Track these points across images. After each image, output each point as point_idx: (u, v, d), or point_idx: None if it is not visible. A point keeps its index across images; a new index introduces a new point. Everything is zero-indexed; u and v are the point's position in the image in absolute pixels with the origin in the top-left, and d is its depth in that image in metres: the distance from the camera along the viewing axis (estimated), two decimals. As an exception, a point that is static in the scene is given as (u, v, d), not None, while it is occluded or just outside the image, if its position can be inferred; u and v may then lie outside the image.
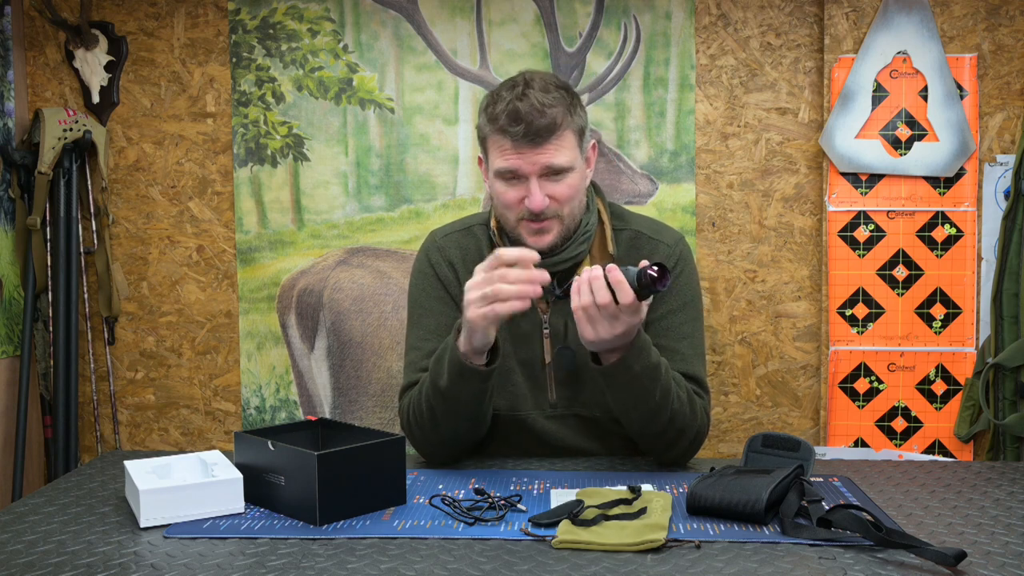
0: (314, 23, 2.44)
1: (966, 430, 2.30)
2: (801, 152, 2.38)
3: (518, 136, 1.54)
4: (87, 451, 2.54)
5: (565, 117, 1.57)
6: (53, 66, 2.49)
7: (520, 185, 1.59)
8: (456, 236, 1.77)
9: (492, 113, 1.59)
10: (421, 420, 1.59)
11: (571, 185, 1.60)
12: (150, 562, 1.11)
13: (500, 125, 1.56)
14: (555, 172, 1.58)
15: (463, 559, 1.11)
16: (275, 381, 2.51)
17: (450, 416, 1.56)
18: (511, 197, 1.60)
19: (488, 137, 1.62)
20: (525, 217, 1.60)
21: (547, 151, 1.56)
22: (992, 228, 2.29)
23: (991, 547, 1.13)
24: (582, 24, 2.39)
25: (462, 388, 1.52)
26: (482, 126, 1.63)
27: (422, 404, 1.58)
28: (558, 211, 1.60)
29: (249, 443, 1.36)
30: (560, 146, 1.57)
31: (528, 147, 1.55)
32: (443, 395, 1.53)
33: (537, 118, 1.53)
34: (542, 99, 1.55)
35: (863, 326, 2.33)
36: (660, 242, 1.71)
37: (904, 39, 2.28)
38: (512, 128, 1.55)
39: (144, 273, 2.52)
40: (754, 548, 1.14)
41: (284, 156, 2.47)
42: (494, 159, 1.60)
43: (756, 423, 2.43)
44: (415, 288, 1.76)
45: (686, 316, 1.67)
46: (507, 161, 1.57)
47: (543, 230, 1.60)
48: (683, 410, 1.54)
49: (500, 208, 1.64)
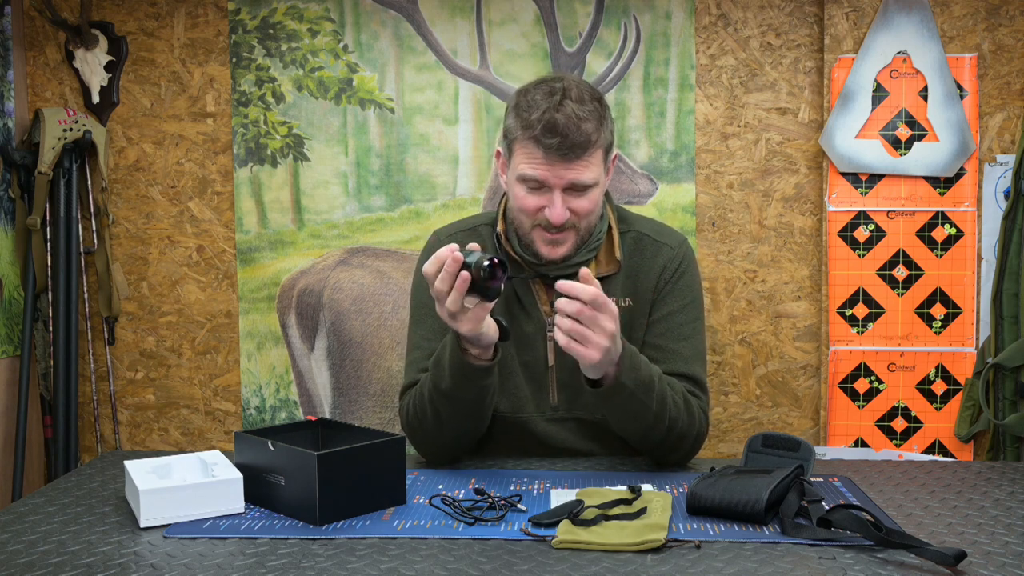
0: (314, 23, 2.44)
1: (966, 430, 2.30)
2: (801, 152, 2.38)
3: (551, 149, 1.53)
4: (87, 451, 2.54)
5: (597, 134, 1.56)
6: (53, 66, 2.49)
7: (542, 194, 1.57)
8: (461, 236, 1.75)
9: (527, 120, 1.56)
10: (424, 422, 1.59)
11: (593, 200, 1.59)
12: (150, 562, 1.11)
13: (534, 134, 1.54)
14: (579, 188, 1.57)
15: (463, 559, 1.11)
16: (275, 381, 2.51)
17: (455, 417, 1.56)
18: (531, 203, 1.59)
19: (517, 140, 1.59)
20: (541, 225, 1.59)
21: (576, 168, 1.55)
22: (992, 228, 2.29)
23: (991, 547, 1.13)
24: (582, 24, 2.39)
25: (465, 387, 1.51)
26: (512, 128, 1.60)
27: (425, 407, 1.58)
28: (576, 224, 1.59)
29: (249, 443, 1.36)
30: (589, 163, 1.56)
31: (559, 161, 1.54)
32: (446, 396, 1.53)
33: (573, 133, 1.52)
34: (579, 112, 1.53)
35: (863, 326, 2.33)
36: (663, 244, 1.70)
37: (904, 39, 2.28)
38: (547, 140, 1.53)
39: (144, 273, 2.52)
40: (754, 548, 1.14)
41: (284, 156, 2.47)
42: (519, 163, 1.58)
43: (756, 423, 2.43)
44: (418, 288, 1.75)
45: (687, 317, 1.67)
46: (535, 170, 1.56)
47: (559, 242, 1.60)
48: (681, 416, 1.54)
49: (516, 211, 1.63)
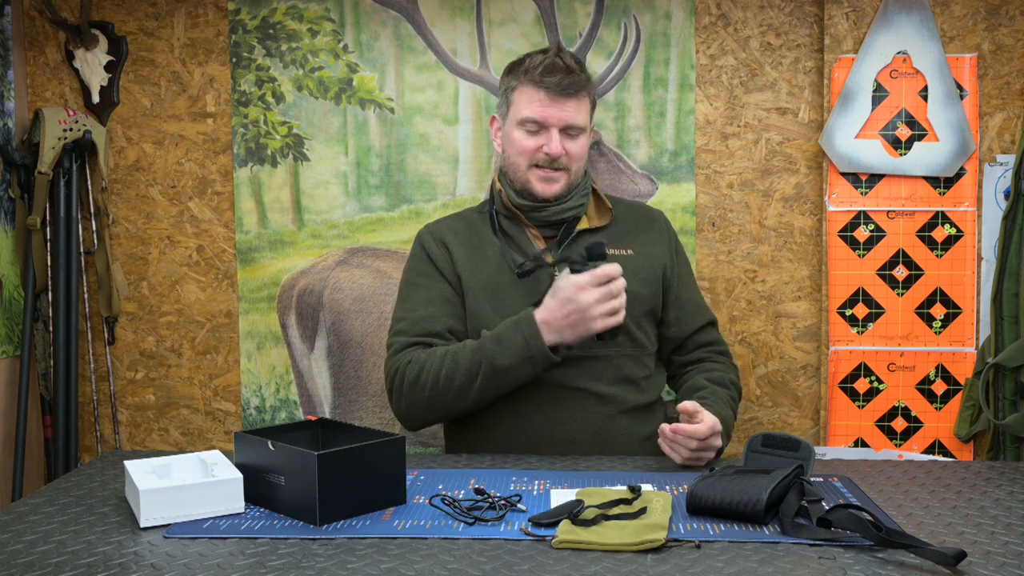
0: (314, 23, 2.44)
1: (966, 430, 2.30)
2: (801, 152, 2.39)
3: (552, 86, 1.75)
4: (87, 451, 2.54)
5: (587, 81, 1.80)
6: (53, 66, 2.49)
7: (541, 135, 1.78)
8: (447, 221, 1.95)
9: (526, 67, 1.79)
10: (436, 385, 1.69)
11: (582, 146, 1.81)
12: (150, 562, 1.11)
13: (535, 76, 1.76)
14: (572, 130, 1.78)
15: (463, 559, 1.11)
16: (275, 381, 2.51)
17: (489, 390, 1.69)
18: (530, 144, 1.79)
19: (517, 88, 1.80)
20: (538, 164, 1.79)
21: (570, 107, 1.76)
22: (992, 228, 2.29)
23: (991, 547, 1.14)
24: (582, 24, 2.39)
25: (525, 370, 1.67)
26: (509, 81, 1.83)
27: (452, 375, 1.68)
28: (568, 165, 1.80)
29: (249, 443, 1.36)
30: (580, 107, 1.78)
31: (560, 98, 1.76)
32: (498, 372, 1.67)
33: (569, 73, 1.75)
34: (571, 60, 1.78)
35: (863, 326, 2.33)
36: (652, 209, 2.01)
37: (904, 39, 2.28)
38: (549, 78, 1.74)
39: (144, 273, 2.53)
40: (754, 548, 1.14)
41: (284, 156, 2.47)
42: (521, 109, 1.79)
43: (756, 423, 2.43)
44: (405, 272, 1.90)
45: (692, 274, 1.99)
46: (538, 110, 1.77)
47: (553, 179, 1.80)
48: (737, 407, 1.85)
49: (514, 156, 1.82)
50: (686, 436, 1.54)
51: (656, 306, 1.88)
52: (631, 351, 1.82)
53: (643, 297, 1.84)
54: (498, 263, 1.83)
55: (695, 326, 1.92)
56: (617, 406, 1.78)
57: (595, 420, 1.76)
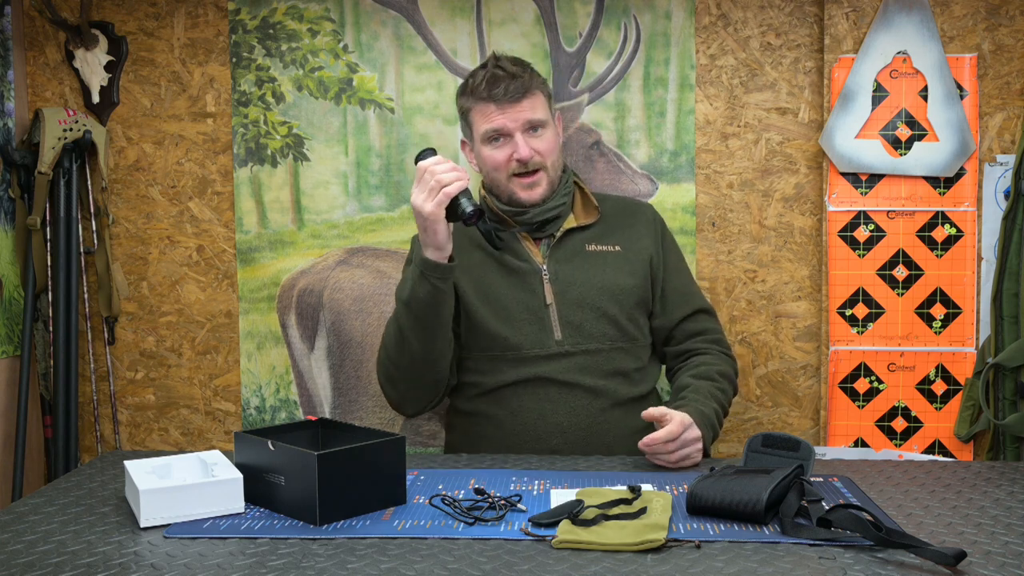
0: (314, 23, 2.44)
1: (966, 430, 2.30)
2: (801, 152, 2.39)
3: (499, 96, 1.80)
4: (87, 451, 2.54)
5: (533, 79, 1.85)
6: (53, 66, 2.49)
7: (506, 144, 1.83)
8: None
9: (471, 86, 1.86)
10: (388, 350, 1.79)
11: (549, 140, 1.86)
12: (150, 562, 1.12)
13: (481, 93, 1.82)
14: (534, 127, 1.83)
15: (463, 559, 1.11)
16: (275, 381, 2.51)
17: (414, 329, 1.72)
18: (500, 157, 1.84)
19: (472, 109, 1.87)
20: (515, 172, 1.84)
21: (525, 107, 1.82)
22: (992, 228, 2.29)
23: (991, 547, 1.14)
24: (582, 24, 2.39)
25: (422, 286, 1.70)
26: (463, 103, 1.90)
27: (389, 332, 1.79)
28: (542, 162, 1.84)
29: (249, 443, 1.36)
30: (534, 104, 1.84)
31: (509, 104, 1.81)
32: (406, 304, 1.72)
33: (512, 79, 1.81)
34: (511, 66, 1.84)
35: (863, 326, 2.33)
36: (640, 204, 2.05)
37: (904, 39, 2.28)
38: (493, 91, 1.80)
39: (144, 273, 2.53)
40: (754, 548, 1.14)
41: (284, 156, 2.47)
42: (480, 125, 1.85)
43: (756, 423, 2.43)
44: (403, 273, 1.93)
45: (683, 263, 2.02)
46: (493, 121, 1.82)
47: (534, 183, 1.85)
48: (729, 397, 1.86)
49: (491, 172, 1.87)
50: (660, 443, 1.54)
51: (646, 297, 1.91)
52: (622, 344, 1.84)
53: (631, 289, 1.87)
54: (485, 261, 1.89)
55: (681, 315, 1.93)
56: (609, 399, 1.79)
57: (587, 413, 1.78)
